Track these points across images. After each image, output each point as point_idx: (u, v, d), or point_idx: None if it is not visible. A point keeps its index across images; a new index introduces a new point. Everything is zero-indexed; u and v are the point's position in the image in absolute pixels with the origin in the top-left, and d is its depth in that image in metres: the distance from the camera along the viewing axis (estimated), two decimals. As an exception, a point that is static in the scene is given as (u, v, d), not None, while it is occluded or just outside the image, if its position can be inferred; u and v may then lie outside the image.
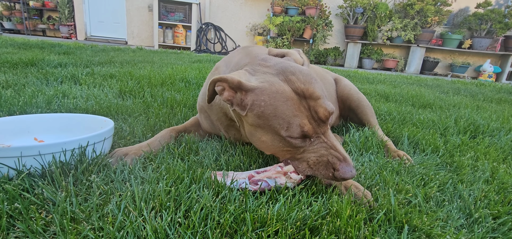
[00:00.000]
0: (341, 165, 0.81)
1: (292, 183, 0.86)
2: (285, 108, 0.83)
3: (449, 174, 1.07)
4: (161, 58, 4.13)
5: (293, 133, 0.83)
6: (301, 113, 0.84)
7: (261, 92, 0.85)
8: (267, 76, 0.89)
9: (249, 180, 0.84)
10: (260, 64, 0.94)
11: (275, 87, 0.85)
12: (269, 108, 0.84)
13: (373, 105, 2.13)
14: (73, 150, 0.85)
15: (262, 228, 0.66)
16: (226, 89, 0.90)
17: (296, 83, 0.86)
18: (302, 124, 0.83)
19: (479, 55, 6.65)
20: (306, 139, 0.86)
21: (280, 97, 0.84)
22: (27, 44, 4.30)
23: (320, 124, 0.86)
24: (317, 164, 0.84)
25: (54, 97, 1.44)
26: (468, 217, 0.85)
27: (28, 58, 2.67)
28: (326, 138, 0.86)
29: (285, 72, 0.88)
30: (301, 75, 0.88)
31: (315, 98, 0.86)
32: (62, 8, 8.35)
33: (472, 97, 3.04)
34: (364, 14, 6.64)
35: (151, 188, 0.75)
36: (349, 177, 0.81)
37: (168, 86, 2.11)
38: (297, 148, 0.86)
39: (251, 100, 0.86)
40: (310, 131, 0.84)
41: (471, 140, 1.49)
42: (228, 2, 7.76)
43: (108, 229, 0.59)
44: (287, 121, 0.83)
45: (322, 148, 0.85)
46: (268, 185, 0.83)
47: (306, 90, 0.86)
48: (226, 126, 1.17)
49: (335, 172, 0.81)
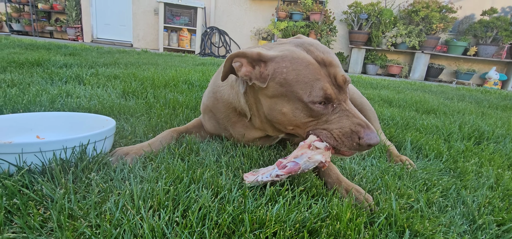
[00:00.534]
0: (365, 132, 0.81)
1: (321, 153, 0.84)
2: (308, 73, 0.84)
3: (452, 179, 1.06)
4: (165, 60, 4.16)
5: (316, 97, 0.83)
6: (323, 78, 0.85)
7: (282, 59, 0.87)
8: (286, 46, 0.91)
9: (278, 167, 0.84)
10: (276, 44, 0.97)
11: (296, 54, 0.87)
12: (292, 73, 0.85)
13: (376, 110, 2.12)
14: (74, 148, 0.85)
15: (260, 229, 0.65)
16: (244, 64, 0.91)
17: (316, 52, 0.88)
18: (324, 87, 0.83)
19: (484, 62, 6.59)
20: (328, 105, 0.86)
21: (301, 62, 0.85)
22: (34, 45, 4.36)
23: (340, 91, 0.87)
24: (341, 135, 0.84)
25: (58, 96, 1.45)
26: (472, 223, 0.83)
27: (34, 59, 2.71)
28: (347, 106, 0.87)
29: (303, 44, 0.91)
30: (319, 46, 0.91)
31: (335, 66, 0.88)
32: (70, 11, 8.47)
33: (477, 104, 3.00)
34: (368, 20, 6.63)
35: (150, 187, 0.75)
36: (374, 143, 0.81)
37: (171, 88, 2.12)
38: (319, 116, 0.87)
39: (272, 69, 0.87)
40: (333, 95, 0.85)
41: (475, 146, 1.47)
42: (233, 6, 7.81)
43: (105, 226, 0.59)
44: (310, 85, 0.84)
45: (344, 116, 0.85)
46: (297, 164, 0.83)
47: (326, 58, 0.88)
48: (234, 123, 1.17)
49: (360, 140, 0.81)
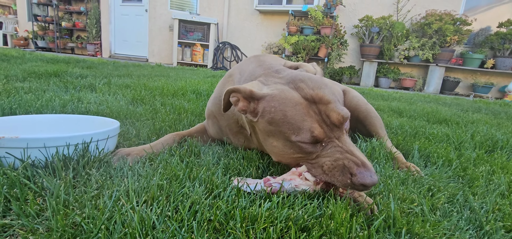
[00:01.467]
0: (359, 170, 0.76)
1: (309, 186, 0.83)
2: (294, 113, 0.83)
3: (460, 185, 1.01)
4: (177, 73, 4.28)
5: (303, 138, 0.82)
6: (310, 118, 0.83)
7: (271, 99, 0.87)
8: (278, 85, 0.92)
9: (264, 184, 0.84)
10: (273, 76, 0.98)
11: (284, 94, 0.87)
12: (279, 114, 0.85)
13: (385, 120, 2.08)
14: (76, 145, 0.88)
15: (252, 225, 0.65)
16: (240, 100, 0.93)
17: (305, 90, 0.87)
18: (312, 127, 0.82)
19: (503, 75, 6.36)
20: (317, 144, 0.84)
21: (289, 103, 0.85)
22: (55, 59, 4.60)
23: (333, 129, 0.84)
24: (332, 169, 0.80)
25: (69, 102, 1.52)
26: (478, 230, 0.79)
27: (53, 70, 2.85)
28: (341, 143, 0.83)
29: (294, 81, 0.90)
30: (310, 82, 0.89)
31: (325, 103, 0.86)
32: (90, 28, 8.93)
33: (494, 116, 2.89)
34: (380, 34, 6.60)
35: (145, 182, 0.76)
36: (369, 183, 0.74)
37: (180, 96, 2.17)
38: (309, 153, 0.84)
39: (262, 108, 0.88)
40: (321, 135, 0.82)
41: (488, 154, 1.40)
42: (245, 22, 8.00)
43: (97, 215, 0.60)
44: (297, 126, 0.83)
45: (337, 152, 0.81)
46: (283, 187, 0.82)
47: (316, 95, 0.86)
48: (235, 133, 1.18)
49: (353, 177, 0.76)
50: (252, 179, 0.91)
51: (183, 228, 0.61)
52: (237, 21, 8.05)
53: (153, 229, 0.61)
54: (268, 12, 7.71)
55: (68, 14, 9.68)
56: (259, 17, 7.87)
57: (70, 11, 9.60)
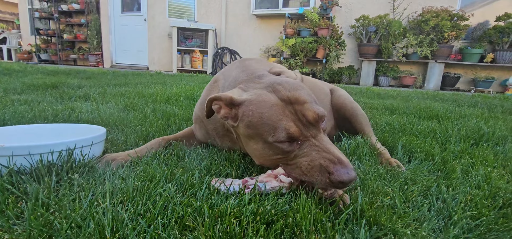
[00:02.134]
0: (335, 168, 0.77)
1: (284, 186, 0.86)
2: (270, 114, 0.87)
3: (433, 177, 1.03)
4: (174, 80, 4.34)
5: (280, 137, 0.85)
6: (286, 117, 0.86)
7: (249, 103, 0.91)
8: (257, 90, 0.96)
9: (242, 184, 0.86)
10: (254, 81, 1.02)
11: (261, 97, 0.91)
12: (256, 116, 0.89)
13: (376, 118, 2.10)
14: (61, 152, 0.92)
15: (220, 220, 0.68)
16: (222, 107, 0.97)
17: (282, 92, 0.91)
18: (287, 126, 0.85)
19: (504, 69, 6.31)
20: (294, 143, 0.86)
21: (265, 105, 0.89)
22: (56, 71, 4.70)
23: (309, 127, 0.87)
24: (310, 169, 0.82)
25: (62, 111, 1.57)
26: (448, 219, 0.81)
27: (52, 82, 2.92)
28: (317, 141, 0.86)
29: (272, 85, 0.94)
30: (287, 85, 0.94)
31: (301, 103, 0.89)
32: (91, 39, 9.09)
33: (489, 110, 2.88)
34: (377, 32, 6.61)
35: (122, 184, 0.80)
36: (347, 180, 0.75)
37: (173, 103, 2.22)
38: (286, 153, 0.87)
39: (241, 112, 0.93)
40: (297, 133, 0.85)
41: (472, 148, 1.42)
42: (243, 27, 8.07)
43: (72, 216, 0.64)
44: (273, 126, 0.86)
45: (313, 151, 0.84)
46: (259, 188, 0.84)
47: (292, 96, 0.90)
48: (222, 136, 1.22)
49: (330, 176, 0.77)
50: (232, 179, 0.94)
51: (153, 224, 0.64)
52: (234, 27, 8.13)
53: (126, 225, 0.65)
54: (265, 16, 7.78)
55: (69, 26, 9.87)
56: (256, 21, 7.94)
57: (71, 24, 9.78)
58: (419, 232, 0.68)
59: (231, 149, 1.21)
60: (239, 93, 0.97)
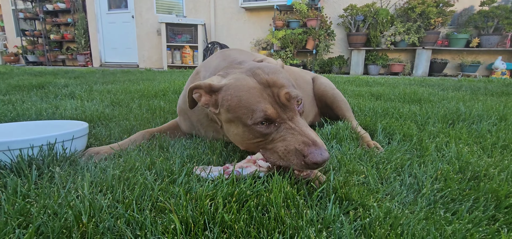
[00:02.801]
0: (309, 150, 0.80)
1: (262, 171, 0.88)
2: (248, 97, 0.89)
3: (408, 156, 1.07)
4: (164, 76, 4.32)
5: (257, 118, 0.87)
6: (264, 100, 0.89)
7: (228, 88, 0.93)
8: (236, 75, 0.97)
9: (224, 171, 0.89)
10: (234, 67, 1.03)
11: (239, 81, 0.93)
12: (235, 100, 0.91)
13: (360, 104, 2.14)
14: (41, 146, 0.93)
15: (196, 202, 0.70)
16: (202, 95, 0.99)
17: (261, 75, 0.93)
18: (264, 108, 0.87)
19: (489, 53, 6.44)
20: (271, 125, 0.89)
21: (243, 88, 0.90)
22: (43, 72, 4.63)
23: (285, 110, 0.90)
24: (286, 153, 0.85)
25: (46, 109, 1.57)
26: (417, 193, 0.85)
27: (38, 82, 2.89)
28: (294, 123, 0.88)
29: (252, 69, 0.96)
30: (266, 68, 0.96)
31: (279, 86, 0.91)
32: (79, 39, 8.94)
33: (473, 93, 2.95)
34: (365, 21, 6.65)
35: (102, 174, 0.82)
36: (320, 161, 0.78)
37: (161, 97, 2.22)
38: (265, 136, 0.90)
39: (221, 98, 0.94)
40: (274, 115, 0.87)
41: (450, 128, 1.47)
42: (232, 20, 8.03)
43: (49, 204, 0.66)
44: (251, 109, 0.88)
45: (289, 134, 0.86)
46: (238, 172, 0.87)
47: (270, 79, 0.92)
48: (206, 126, 1.24)
49: (305, 158, 0.80)
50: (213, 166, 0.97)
51: (129, 208, 0.66)
52: (223, 21, 8.09)
53: (103, 211, 0.67)
54: (254, 9, 7.75)
55: (55, 26, 9.68)
56: (245, 14, 7.91)
57: (58, 24, 9.59)
58: (384, 204, 0.71)
59: (215, 139, 1.23)
60: (218, 79, 0.98)
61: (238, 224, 0.60)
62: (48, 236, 0.57)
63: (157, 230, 0.59)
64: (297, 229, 0.61)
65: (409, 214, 0.70)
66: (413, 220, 0.66)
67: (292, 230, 0.60)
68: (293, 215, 0.65)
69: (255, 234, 0.58)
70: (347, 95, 2.62)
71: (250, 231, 0.59)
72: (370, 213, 0.70)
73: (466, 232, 0.62)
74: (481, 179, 0.90)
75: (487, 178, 0.91)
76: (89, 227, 0.58)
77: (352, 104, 2.07)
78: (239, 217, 0.63)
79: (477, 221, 0.67)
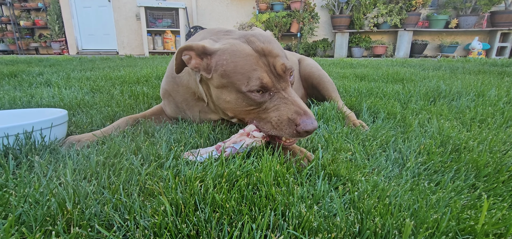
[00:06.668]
0: (302, 119, 0.84)
1: (256, 141, 0.89)
2: (245, 63, 0.88)
3: (391, 132, 1.10)
4: (146, 62, 4.18)
5: (253, 86, 0.87)
6: (260, 68, 0.89)
7: (223, 52, 0.91)
8: (229, 40, 0.95)
9: (217, 150, 0.88)
10: (224, 34, 1.02)
11: (235, 47, 0.91)
12: (230, 65, 0.89)
13: (345, 85, 2.16)
14: (17, 135, 0.88)
15: (186, 185, 0.69)
16: (193, 57, 0.95)
17: (256, 43, 0.92)
18: (261, 76, 0.87)
19: (467, 33, 6.64)
20: (266, 93, 0.90)
21: (240, 54, 0.89)
22: (15, 61, 4.37)
23: (279, 80, 0.91)
24: (279, 123, 0.87)
25: (21, 98, 1.48)
26: (402, 167, 0.88)
27: (10, 71, 2.72)
28: (287, 94, 0.90)
29: (246, 36, 0.95)
30: (260, 37, 0.95)
31: (274, 56, 0.92)
32: (52, 25, 8.44)
33: (452, 72, 3.05)
34: (348, 3, 6.66)
35: (85, 161, 0.79)
36: (311, 129, 0.83)
37: (143, 83, 2.15)
38: (259, 104, 0.90)
39: (215, 62, 0.92)
40: (269, 83, 0.88)
41: (432, 104, 1.51)
42: (214, 3, 7.81)
43: (28, 192, 0.62)
44: (247, 75, 0.88)
45: (282, 103, 0.88)
46: (235, 149, 0.87)
47: (266, 48, 0.91)
48: (192, 106, 1.21)
49: (297, 127, 0.84)
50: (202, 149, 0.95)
51: (116, 193, 0.64)
52: (206, 4, 7.85)
53: (88, 198, 0.65)
54: (237, -9, 7.56)
55: (25, 12, 9.06)
56: (229, -3, 7.71)
57: (27, 9, 8.99)
58: (371, 178, 0.73)
59: (202, 120, 1.21)
60: (211, 43, 0.96)
61: (230, 203, 0.59)
62: (31, 225, 0.54)
63: (146, 213, 0.58)
64: (288, 206, 0.61)
65: (395, 187, 0.72)
66: (399, 191, 0.68)
67: (284, 206, 0.61)
68: (283, 192, 0.66)
69: (247, 211, 0.58)
70: (333, 77, 2.65)
71: (241, 209, 0.59)
72: (358, 187, 0.72)
73: (449, 200, 0.65)
74: (462, 151, 0.94)
75: (467, 150, 0.95)
76: (74, 214, 0.56)
77: (337, 85, 2.09)
78: (230, 196, 0.63)
79: (459, 190, 0.70)
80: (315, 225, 0.55)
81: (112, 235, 0.52)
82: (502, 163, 0.83)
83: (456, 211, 0.60)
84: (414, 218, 0.59)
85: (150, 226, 0.55)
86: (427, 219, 0.57)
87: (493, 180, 0.76)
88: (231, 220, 0.58)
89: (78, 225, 0.54)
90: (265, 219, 0.55)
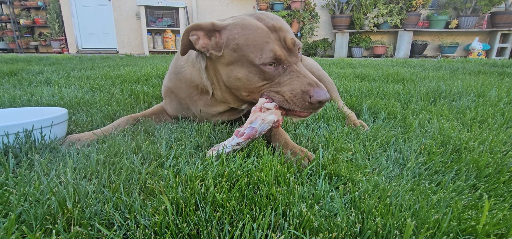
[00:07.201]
0: (315, 90, 0.86)
1: (272, 113, 0.89)
2: (257, 36, 0.90)
3: (392, 132, 1.10)
4: (146, 61, 4.18)
5: (266, 59, 0.88)
6: (272, 41, 0.90)
7: (234, 26, 0.92)
8: (239, 17, 0.97)
9: (237, 136, 0.88)
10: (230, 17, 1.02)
11: (246, 20, 0.93)
12: (242, 38, 0.90)
13: (346, 85, 2.16)
14: (17, 133, 0.88)
15: (186, 184, 0.69)
16: (200, 37, 0.96)
17: (266, 20, 0.94)
18: (274, 48, 0.89)
19: (467, 34, 6.64)
20: (279, 66, 0.91)
21: (251, 27, 0.91)
22: (14, 59, 4.36)
23: (290, 54, 0.92)
24: (293, 97, 0.88)
25: (21, 96, 1.48)
26: (402, 167, 0.88)
27: (10, 69, 2.72)
28: (297, 67, 0.92)
29: (254, 14, 0.98)
30: (269, 15, 0.98)
31: (284, 31, 0.94)
32: (52, 24, 8.43)
33: (452, 73, 3.05)
34: (349, 3, 6.65)
35: (86, 160, 0.78)
36: (324, 99, 0.85)
37: (143, 82, 2.15)
38: (271, 78, 0.91)
39: (226, 37, 0.93)
40: (282, 56, 0.90)
41: (432, 105, 1.51)
42: (214, 3, 7.81)
43: (28, 190, 0.62)
44: (260, 48, 0.89)
45: (295, 77, 0.90)
46: (253, 128, 0.87)
47: (276, 24, 0.93)
48: (195, 101, 1.20)
49: (311, 98, 0.85)
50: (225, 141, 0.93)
51: (116, 192, 0.64)
52: (206, 3, 7.85)
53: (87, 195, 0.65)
54: (238, -9, 7.56)
55: (25, 10, 9.05)
56: (229, -4, 7.71)
57: (27, 7, 8.97)
58: (371, 178, 0.73)
59: (206, 115, 1.21)
60: (219, 21, 0.97)
61: (230, 202, 0.59)
62: (31, 223, 0.54)
63: (146, 212, 0.58)
64: (289, 205, 0.61)
65: (396, 187, 0.72)
66: (400, 191, 0.68)
67: (284, 206, 0.61)
68: (284, 192, 0.66)
69: (248, 211, 0.58)
70: (333, 77, 2.64)
71: (242, 209, 0.59)
72: (359, 187, 0.72)
73: (450, 200, 0.65)
74: (462, 151, 0.94)
75: (468, 150, 0.94)
76: (74, 213, 0.56)
77: (338, 85, 2.09)
78: (231, 195, 0.62)
79: (460, 190, 0.70)
80: (316, 224, 0.55)
81: (112, 234, 0.52)
82: (503, 164, 0.83)
83: (457, 211, 0.60)
84: (415, 218, 0.59)
85: (150, 225, 0.55)
86: (428, 219, 0.57)
87: (494, 181, 0.76)
88: (232, 219, 0.58)
89: (78, 224, 0.54)
90: (266, 219, 0.55)
